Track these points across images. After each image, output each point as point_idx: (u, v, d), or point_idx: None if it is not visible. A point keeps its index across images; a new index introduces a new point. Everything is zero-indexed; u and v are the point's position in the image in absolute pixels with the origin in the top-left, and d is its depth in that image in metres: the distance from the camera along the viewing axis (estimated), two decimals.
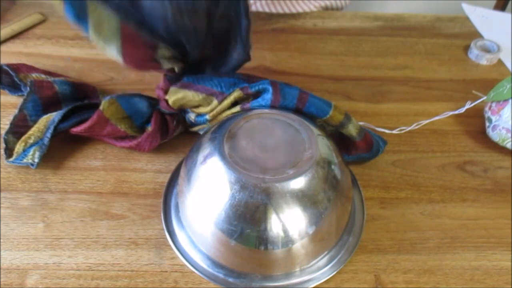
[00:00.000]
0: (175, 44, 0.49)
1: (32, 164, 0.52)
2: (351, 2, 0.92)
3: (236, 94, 0.54)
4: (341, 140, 0.56)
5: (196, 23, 0.47)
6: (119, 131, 0.54)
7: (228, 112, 0.53)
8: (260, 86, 0.54)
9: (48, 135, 0.52)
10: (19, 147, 0.53)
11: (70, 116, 0.55)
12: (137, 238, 0.48)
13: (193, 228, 0.46)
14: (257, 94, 0.55)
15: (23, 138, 0.53)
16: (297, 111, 0.50)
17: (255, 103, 0.51)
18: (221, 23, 0.49)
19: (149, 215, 0.50)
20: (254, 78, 0.55)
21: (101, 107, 0.53)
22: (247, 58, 0.52)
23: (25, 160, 0.52)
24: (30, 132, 0.53)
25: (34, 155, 0.52)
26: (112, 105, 0.53)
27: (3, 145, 0.54)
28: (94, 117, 0.53)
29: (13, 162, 0.53)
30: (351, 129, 0.54)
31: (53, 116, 0.54)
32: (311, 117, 0.49)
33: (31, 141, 0.53)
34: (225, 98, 0.53)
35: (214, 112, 0.54)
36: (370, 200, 0.53)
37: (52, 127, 0.53)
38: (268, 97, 0.53)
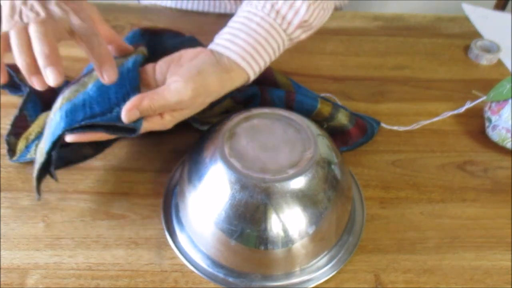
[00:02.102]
0: None
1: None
2: (351, 2, 0.92)
3: (226, 103, 0.54)
4: (336, 135, 0.57)
5: None
6: None
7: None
8: (250, 93, 0.55)
9: None
10: (21, 144, 0.54)
11: None
12: (137, 238, 0.48)
13: (193, 228, 0.46)
14: (248, 101, 0.56)
15: (24, 135, 0.54)
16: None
17: None
18: None
19: (149, 215, 0.50)
20: (245, 86, 0.56)
21: None
22: None
23: (28, 156, 0.53)
24: (30, 129, 0.54)
25: (36, 150, 0.52)
26: None
27: (5, 147, 0.54)
28: None
29: (17, 160, 0.53)
30: (342, 118, 0.56)
31: None
32: (302, 114, 0.50)
33: (32, 137, 0.54)
34: (215, 105, 0.54)
35: (203, 115, 0.55)
36: (370, 200, 0.53)
37: None
38: (257, 101, 0.54)
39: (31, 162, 0.53)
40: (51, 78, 0.39)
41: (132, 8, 0.81)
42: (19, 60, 0.40)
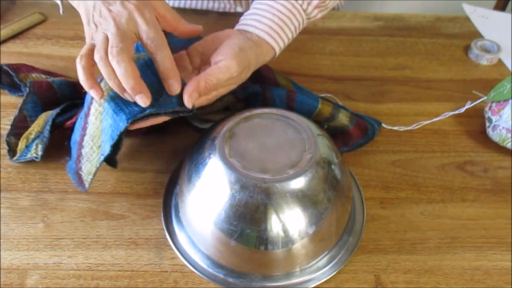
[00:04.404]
0: None
1: (36, 157, 0.53)
2: (351, 2, 0.92)
3: (227, 99, 0.54)
4: (336, 135, 0.57)
5: None
6: None
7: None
8: (251, 90, 0.55)
9: (48, 127, 0.53)
10: (21, 144, 0.54)
11: (68, 112, 0.56)
12: (137, 238, 0.48)
13: (193, 228, 0.46)
14: (248, 99, 0.56)
15: (24, 135, 0.54)
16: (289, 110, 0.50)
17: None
18: None
19: (149, 215, 0.50)
20: (246, 83, 0.56)
21: None
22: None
23: (29, 155, 0.53)
24: (31, 128, 0.54)
25: (37, 149, 0.53)
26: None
27: (5, 147, 0.54)
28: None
29: (18, 159, 0.53)
30: (342, 118, 0.56)
31: (52, 111, 0.55)
32: (303, 114, 0.50)
33: (32, 136, 0.54)
34: (216, 100, 0.54)
35: (203, 111, 0.55)
36: (370, 200, 0.53)
37: (51, 120, 0.53)
38: (260, 99, 0.54)
39: (31, 162, 0.54)
40: (141, 102, 0.44)
41: None
42: (110, 83, 0.44)
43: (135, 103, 0.46)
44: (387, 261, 0.47)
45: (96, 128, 0.47)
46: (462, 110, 0.61)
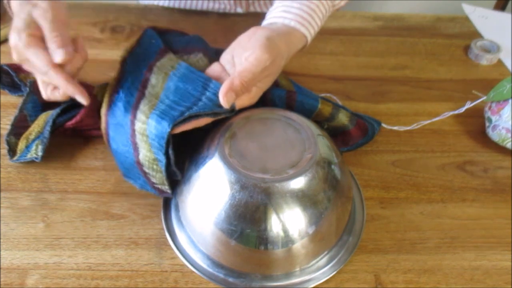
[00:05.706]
0: None
1: (36, 158, 0.53)
2: (351, 2, 0.92)
3: None
4: (336, 135, 0.57)
5: None
6: None
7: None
8: None
9: (48, 128, 0.53)
10: (21, 144, 0.54)
11: (68, 112, 0.55)
12: (137, 238, 0.48)
13: (193, 228, 0.46)
14: None
15: (24, 135, 0.54)
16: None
17: None
18: None
19: (149, 215, 0.50)
20: None
21: (94, 92, 0.54)
22: None
23: (29, 156, 0.53)
24: (31, 129, 0.54)
25: (37, 149, 0.53)
26: (104, 89, 0.54)
27: (6, 147, 0.54)
28: (89, 103, 0.53)
29: (18, 160, 0.53)
30: (342, 118, 0.56)
31: (52, 112, 0.55)
32: (303, 114, 0.50)
33: (32, 136, 0.54)
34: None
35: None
36: (370, 200, 0.53)
37: (51, 121, 0.53)
38: (259, 99, 0.54)
39: (31, 162, 0.54)
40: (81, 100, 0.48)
41: (132, 8, 0.81)
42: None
43: (173, 109, 0.47)
44: (387, 261, 0.47)
45: (145, 143, 0.48)
46: (462, 110, 0.61)
